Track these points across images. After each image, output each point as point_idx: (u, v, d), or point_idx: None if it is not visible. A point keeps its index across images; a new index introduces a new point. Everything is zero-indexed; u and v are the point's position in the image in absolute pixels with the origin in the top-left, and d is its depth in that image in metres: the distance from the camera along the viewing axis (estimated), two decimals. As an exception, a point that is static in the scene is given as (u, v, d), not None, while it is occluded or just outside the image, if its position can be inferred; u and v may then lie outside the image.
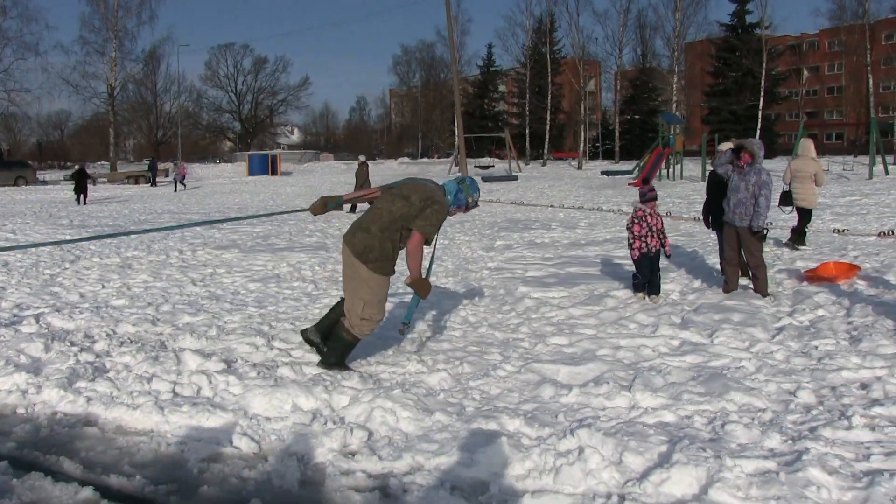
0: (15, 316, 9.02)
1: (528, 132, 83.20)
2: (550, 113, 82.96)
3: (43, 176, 65.93)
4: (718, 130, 74.01)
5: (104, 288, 11.09)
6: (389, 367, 6.91)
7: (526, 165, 73.59)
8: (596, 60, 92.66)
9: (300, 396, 5.83)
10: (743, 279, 10.48)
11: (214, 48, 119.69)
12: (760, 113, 62.46)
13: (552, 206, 27.95)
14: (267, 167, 69.68)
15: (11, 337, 7.79)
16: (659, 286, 10.26)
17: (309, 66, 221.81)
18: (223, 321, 8.78)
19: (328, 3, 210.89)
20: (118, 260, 14.03)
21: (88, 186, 36.32)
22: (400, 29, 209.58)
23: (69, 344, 7.51)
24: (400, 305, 9.47)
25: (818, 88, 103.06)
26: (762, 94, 63.12)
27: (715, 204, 10.64)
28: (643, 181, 41.59)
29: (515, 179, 51.18)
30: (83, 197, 34.62)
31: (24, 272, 12.48)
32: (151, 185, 55.85)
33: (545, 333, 8.21)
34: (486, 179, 48.90)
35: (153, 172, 57.16)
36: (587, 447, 4.63)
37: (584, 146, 78.38)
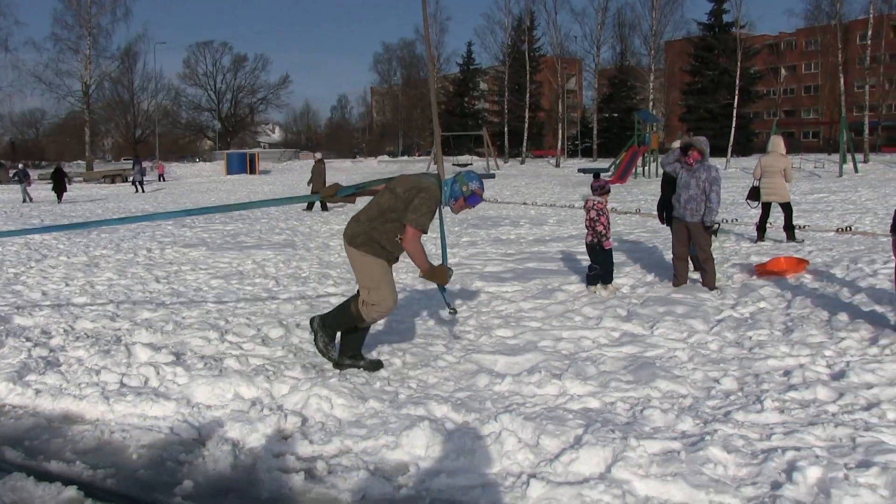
0: (-28, 315, 9.17)
1: (506, 130, 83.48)
2: (530, 111, 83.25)
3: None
4: (696, 128, 74.60)
5: (67, 286, 11.26)
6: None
7: (504, 163, 73.92)
8: (577, 58, 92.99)
9: (242, 386, 6.05)
10: (696, 273, 10.77)
11: (193, 46, 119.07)
12: (735, 111, 62.86)
13: (525, 203, 28.25)
14: (245, 166, 69.70)
15: (-34, 335, 7.95)
16: (610, 276, 10.53)
17: (290, 64, 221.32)
18: (181, 317, 8.99)
19: (308, 0, 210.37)
20: (85, 258, 14.21)
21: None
22: (381, 26, 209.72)
23: (24, 340, 7.69)
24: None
25: (795, 87, 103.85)
26: (737, 92, 63.53)
27: (669, 201, 10.93)
28: (619, 178, 42.07)
29: (493, 177, 51.40)
30: (60, 195, 35.08)
31: (-13, 271, 12.63)
32: (131, 183, 55.92)
33: (492, 326, 8.46)
34: (463, 178, 49.01)
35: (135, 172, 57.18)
36: (505, 431, 4.89)
37: (561, 144, 78.67)
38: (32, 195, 36.14)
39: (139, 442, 5.24)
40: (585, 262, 12.27)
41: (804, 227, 16.74)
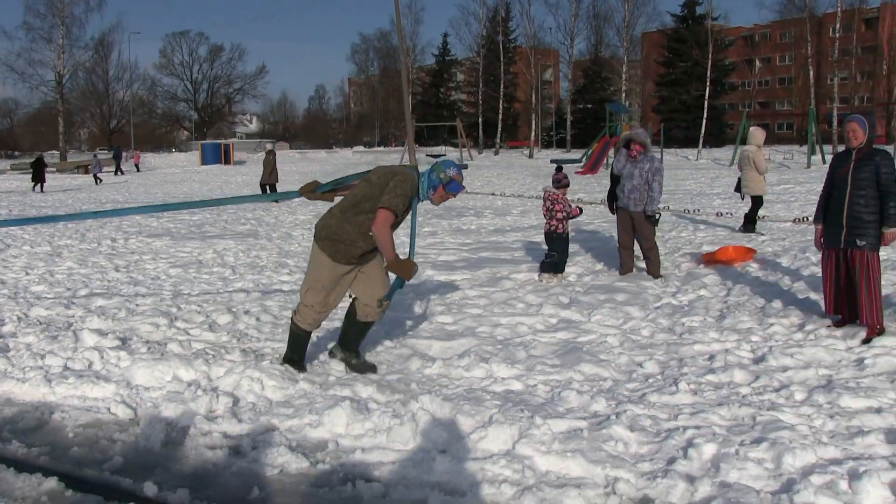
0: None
1: (480, 121, 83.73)
2: (505, 102, 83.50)
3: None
4: (668, 119, 75.13)
5: (27, 275, 11.41)
6: (277, 343, 7.34)
7: (479, 154, 74.13)
8: (554, 49, 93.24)
9: (181, 368, 6.28)
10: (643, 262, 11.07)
11: (169, 36, 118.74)
12: (707, 102, 63.32)
13: (493, 194, 28.45)
14: (220, 156, 69.52)
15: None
16: (563, 265, 10.86)
17: (267, 55, 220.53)
18: (135, 304, 9.16)
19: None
20: (49, 248, 14.34)
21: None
22: (359, 17, 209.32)
23: (-24, 327, 7.89)
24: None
25: (770, 79, 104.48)
26: (708, 84, 63.99)
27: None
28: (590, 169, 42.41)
29: (465, 168, 51.53)
30: (41, 185, 35.47)
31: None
32: (115, 173, 56.03)
33: (434, 312, 8.71)
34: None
35: (118, 161, 57.29)
36: (422, 410, 5.15)
37: (534, 135, 79.00)
38: None
39: (77, 422, 5.47)
40: (538, 251, 12.60)
41: (763, 217, 17.03)
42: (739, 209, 18.27)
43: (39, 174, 35.68)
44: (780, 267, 10.76)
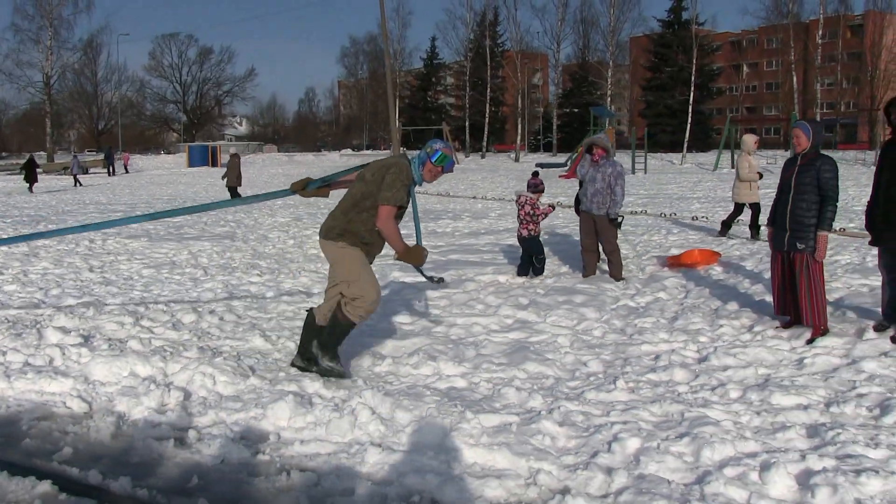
0: None
1: (467, 125, 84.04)
2: (493, 106, 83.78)
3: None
4: (655, 124, 75.51)
5: (1, 275, 11.56)
6: (236, 341, 7.55)
7: (465, 157, 74.34)
8: (543, 54, 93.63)
9: (138, 364, 6.48)
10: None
11: (158, 38, 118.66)
12: (691, 107, 63.68)
13: (475, 197, 28.65)
14: (207, 158, 69.71)
15: None
16: (541, 269, 11.26)
17: (258, 57, 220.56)
18: (104, 303, 9.34)
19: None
20: (26, 248, 14.44)
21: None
22: (349, 20, 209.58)
23: (-56, 326, 8.05)
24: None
25: (757, 84, 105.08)
26: (693, 89, 64.36)
27: None
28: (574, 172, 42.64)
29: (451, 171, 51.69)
30: (32, 185, 36.21)
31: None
32: (108, 174, 56.46)
33: (394, 312, 8.91)
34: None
35: (110, 161, 57.59)
36: (361, 405, 5.37)
37: (519, 139, 79.31)
38: None
39: (32, 415, 5.66)
40: (507, 254, 12.86)
41: (738, 220, 17.21)
42: (716, 213, 18.57)
43: (31, 175, 36.19)
44: (743, 270, 11.00)
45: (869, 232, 7.76)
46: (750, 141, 14.87)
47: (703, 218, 18.70)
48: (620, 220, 10.96)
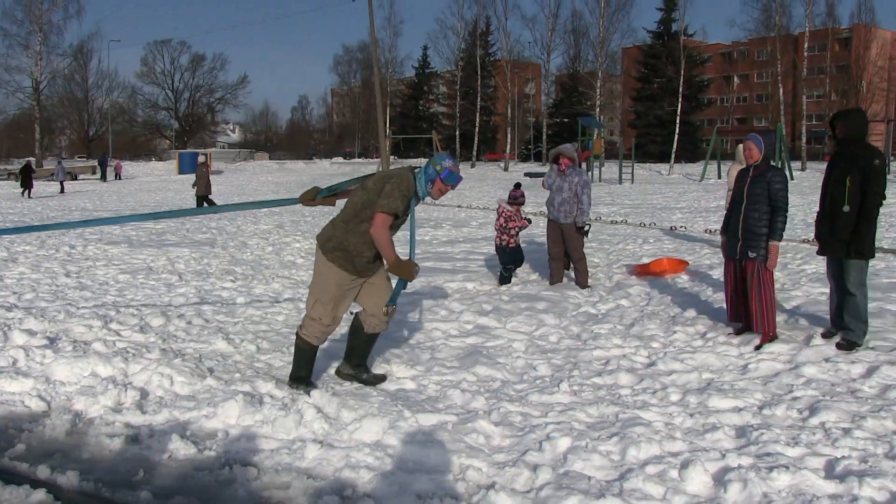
0: None
1: (458, 134, 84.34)
2: (484, 115, 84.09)
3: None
4: (644, 134, 75.83)
5: (-24, 279, 11.74)
6: (200, 344, 7.75)
7: (456, 167, 74.34)
8: (535, 63, 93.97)
9: (100, 365, 6.67)
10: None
11: (151, 44, 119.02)
12: (679, 118, 63.99)
13: (459, 206, 28.83)
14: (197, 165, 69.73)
15: None
16: (507, 278, 11.57)
17: (251, 65, 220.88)
18: (76, 307, 9.54)
19: (269, 2, 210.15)
20: (5, 254, 14.63)
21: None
22: (343, 28, 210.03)
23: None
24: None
25: (748, 95, 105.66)
26: (680, 99, 64.68)
27: None
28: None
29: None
30: (28, 191, 36.92)
31: None
32: (102, 179, 56.88)
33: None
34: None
35: (103, 168, 57.97)
36: (307, 404, 5.60)
37: (509, 148, 79.59)
38: None
39: (-9, 413, 5.87)
40: (479, 262, 13.09)
41: (714, 230, 17.41)
42: (696, 223, 18.81)
43: (27, 180, 36.88)
44: (708, 279, 11.22)
45: (817, 242, 8.00)
46: (742, 151, 14.61)
47: (681, 228, 18.93)
48: (587, 228, 11.18)
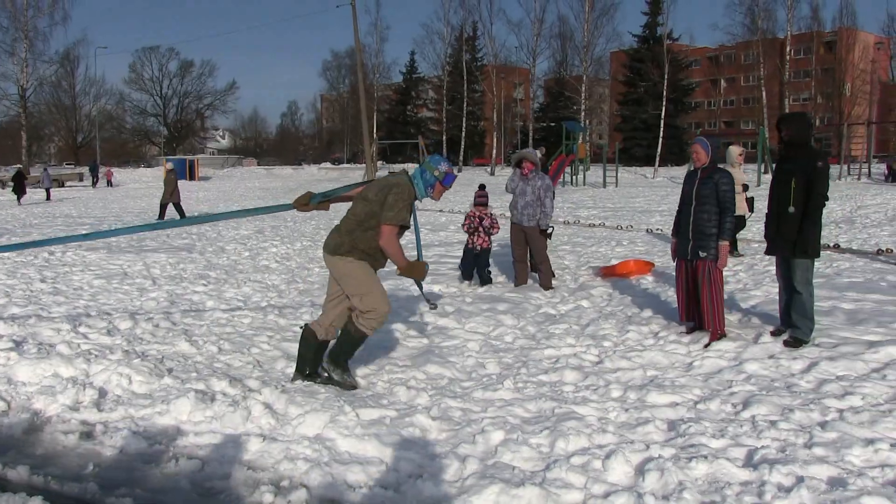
0: None
1: (444, 139, 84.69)
2: (472, 120, 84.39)
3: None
4: (630, 138, 76.27)
5: (-49, 286, 11.90)
6: (164, 345, 7.96)
7: (443, 171, 74.64)
8: (524, 68, 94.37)
9: (62, 367, 6.87)
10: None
11: (139, 51, 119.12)
12: (663, 122, 64.41)
13: (441, 210, 29.04)
14: (185, 172, 69.96)
15: None
16: (487, 279, 11.86)
17: (241, 70, 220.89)
18: (47, 312, 9.73)
19: (257, 9, 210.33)
20: (-19, 261, 14.79)
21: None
22: (332, 33, 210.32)
23: None
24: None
25: (735, 98, 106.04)
26: (664, 103, 65.10)
27: None
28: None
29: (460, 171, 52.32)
30: (20, 197, 37.40)
31: None
32: (92, 186, 57.43)
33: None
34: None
35: (94, 175, 58.36)
36: (255, 400, 5.84)
37: (495, 152, 79.91)
38: None
39: (-50, 414, 6.08)
40: (450, 265, 13.34)
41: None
42: (671, 226, 18.96)
43: (20, 187, 37.47)
44: (673, 280, 11.32)
45: (766, 242, 8.26)
46: (734, 153, 14.28)
47: (658, 230, 19.21)
48: (550, 230, 11.44)
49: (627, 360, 7.45)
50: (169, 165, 29.19)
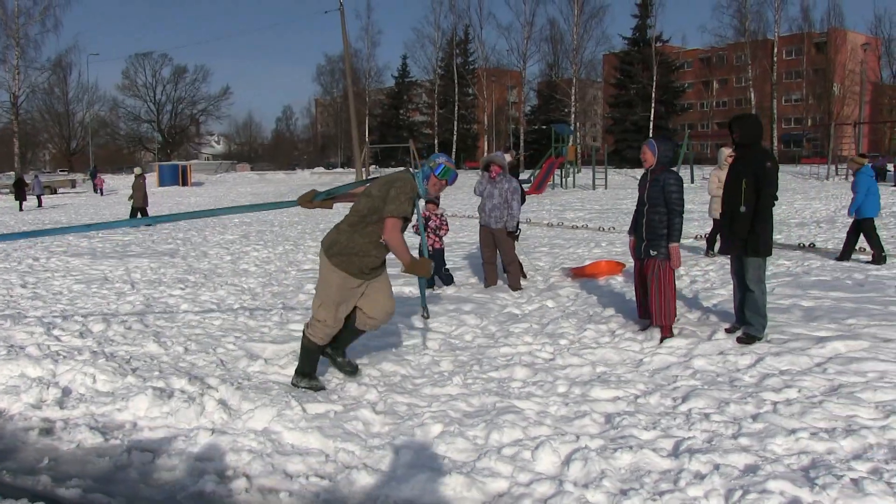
0: None
1: (437, 142, 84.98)
2: (465, 123, 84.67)
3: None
4: (621, 140, 76.53)
5: (-71, 290, 12.13)
6: (133, 347, 8.21)
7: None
8: (516, 71, 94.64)
9: (29, 367, 7.13)
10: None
11: (132, 57, 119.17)
12: (652, 123, 64.72)
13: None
14: (178, 177, 70.21)
15: None
16: (448, 279, 12.09)
17: (235, 76, 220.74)
18: (24, 315, 9.96)
19: (250, 13, 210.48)
20: (-36, 267, 15.01)
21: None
22: (326, 38, 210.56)
23: None
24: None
25: (727, 100, 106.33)
26: (653, 105, 65.41)
27: None
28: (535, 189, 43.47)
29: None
30: (21, 203, 38.72)
31: None
32: (95, 191, 58.00)
33: (289, 321, 9.58)
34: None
35: (94, 181, 58.93)
36: (209, 397, 6.10)
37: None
38: None
39: (-86, 413, 6.34)
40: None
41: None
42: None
43: (21, 193, 38.60)
44: (642, 280, 11.68)
45: (720, 241, 8.52)
46: (724, 154, 14.00)
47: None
48: (518, 232, 11.69)
49: (579, 357, 7.69)
50: (137, 170, 29.35)
